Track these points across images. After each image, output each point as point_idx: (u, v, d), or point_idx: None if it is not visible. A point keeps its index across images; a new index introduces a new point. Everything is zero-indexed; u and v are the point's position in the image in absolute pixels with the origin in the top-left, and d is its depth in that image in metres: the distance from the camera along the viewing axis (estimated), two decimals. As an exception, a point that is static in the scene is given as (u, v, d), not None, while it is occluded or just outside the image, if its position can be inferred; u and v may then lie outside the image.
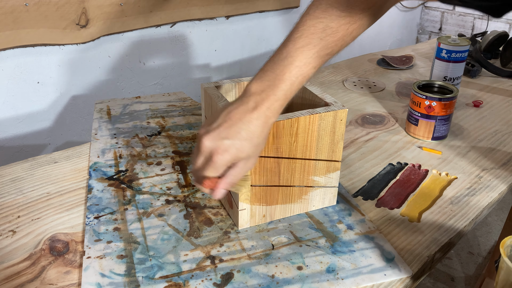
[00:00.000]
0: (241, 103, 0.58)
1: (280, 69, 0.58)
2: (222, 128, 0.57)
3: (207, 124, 0.59)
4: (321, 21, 0.59)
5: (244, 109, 0.57)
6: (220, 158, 0.56)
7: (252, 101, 0.58)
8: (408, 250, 0.70)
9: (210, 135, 0.57)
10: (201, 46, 1.83)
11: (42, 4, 1.31)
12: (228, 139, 0.56)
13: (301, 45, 0.59)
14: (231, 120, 0.57)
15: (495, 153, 0.96)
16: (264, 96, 0.58)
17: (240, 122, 0.57)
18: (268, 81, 0.58)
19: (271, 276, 0.64)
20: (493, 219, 1.95)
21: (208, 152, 0.57)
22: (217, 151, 0.56)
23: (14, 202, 0.79)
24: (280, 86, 0.58)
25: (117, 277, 0.63)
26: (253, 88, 0.58)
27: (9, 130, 1.42)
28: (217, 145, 0.56)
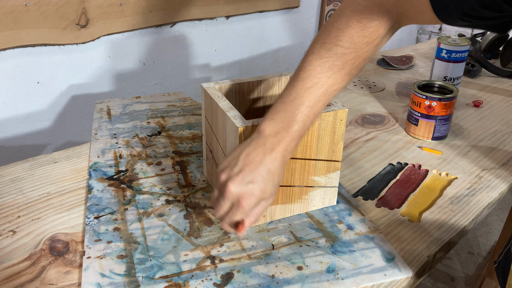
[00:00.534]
0: (258, 145, 0.60)
1: (291, 110, 0.60)
2: (246, 173, 0.59)
3: (227, 168, 0.60)
4: (327, 60, 0.60)
5: (262, 151, 0.60)
6: (248, 203, 0.59)
7: (268, 142, 0.60)
8: (408, 250, 0.69)
9: (235, 180, 0.59)
10: (201, 46, 1.83)
11: (42, 4, 1.31)
12: (253, 183, 0.59)
13: (310, 85, 0.60)
14: (252, 164, 0.59)
15: (495, 153, 0.96)
16: (280, 138, 0.60)
17: (261, 165, 0.59)
18: (281, 122, 0.60)
19: (271, 276, 0.64)
20: (493, 219, 1.95)
21: (235, 198, 0.59)
22: (243, 196, 0.59)
23: (14, 202, 0.79)
24: (293, 127, 0.60)
25: (117, 277, 0.63)
26: (267, 129, 0.60)
27: (9, 130, 1.42)
28: (243, 190, 0.59)
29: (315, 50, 0.61)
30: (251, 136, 0.62)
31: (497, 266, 0.76)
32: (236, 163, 0.60)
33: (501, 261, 0.75)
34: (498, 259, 0.76)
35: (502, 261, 0.75)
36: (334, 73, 0.61)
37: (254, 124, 0.65)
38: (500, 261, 0.75)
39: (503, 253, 0.76)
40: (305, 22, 2.18)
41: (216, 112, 0.72)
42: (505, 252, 0.75)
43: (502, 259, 0.75)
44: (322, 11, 2.20)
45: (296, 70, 0.63)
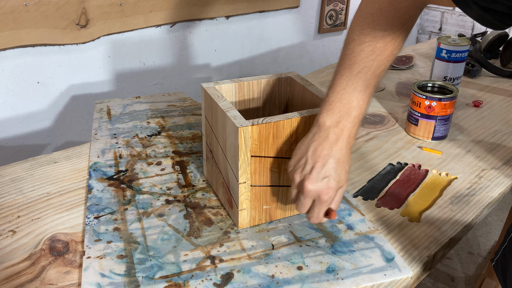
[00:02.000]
0: (322, 138, 0.62)
1: (346, 98, 0.63)
2: (318, 169, 0.61)
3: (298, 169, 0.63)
4: (368, 44, 0.63)
5: (328, 144, 0.62)
6: (328, 196, 0.62)
7: (332, 133, 0.62)
8: (408, 250, 0.69)
9: (310, 179, 0.61)
10: (201, 46, 1.83)
11: (42, 4, 1.31)
12: (328, 177, 0.62)
13: (358, 70, 0.63)
14: (321, 158, 0.62)
15: (495, 153, 0.96)
16: (342, 127, 0.62)
17: (330, 158, 0.62)
18: (339, 111, 0.63)
19: (271, 276, 0.64)
20: (493, 219, 1.95)
21: (315, 195, 0.62)
22: (322, 191, 0.62)
23: (14, 202, 0.79)
24: (352, 114, 0.63)
25: (117, 277, 0.63)
26: (328, 121, 0.63)
27: (9, 130, 1.42)
28: (321, 187, 0.62)
29: (355, 37, 0.64)
30: (311, 130, 0.64)
31: (495, 264, 0.76)
32: (306, 161, 0.62)
33: (499, 259, 0.75)
34: (496, 257, 0.76)
35: (500, 259, 0.75)
36: (378, 55, 0.63)
37: (254, 124, 0.65)
38: (498, 259, 0.75)
39: (501, 251, 0.76)
40: (305, 22, 2.18)
41: (216, 112, 0.72)
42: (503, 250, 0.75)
43: (500, 257, 0.75)
44: (322, 11, 2.20)
45: (340, 60, 0.65)
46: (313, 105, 0.76)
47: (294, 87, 0.81)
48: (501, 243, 0.76)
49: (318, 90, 0.76)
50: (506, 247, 0.75)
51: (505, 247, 0.75)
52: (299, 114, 0.68)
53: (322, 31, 2.26)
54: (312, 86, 0.78)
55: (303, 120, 0.68)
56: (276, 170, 0.70)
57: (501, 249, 0.76)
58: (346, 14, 2.31)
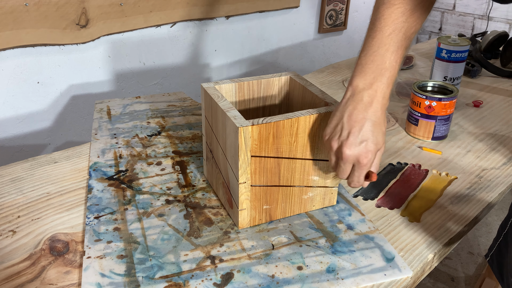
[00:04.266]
0: (356, 102, 0.63)
1: (379, 59, 0.63)
2: (356, 133, 0.62)
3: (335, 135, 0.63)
4: (398, 7, 0.64)
5: (363, 106, 0.62)
6: (368, 160, 0.63)
7: (366, 95, 0.62)
8: (408, 250, 0.69)
9: (348, 144, 0.62)
10: (201, 46, 1.83)
11: (42, 4, 1.31)
12: (366, 141, 0.62)
13: (389, 32, 0.63)
14: (357, 123, 0.62)
15: (495, 153, 0.96)
16: (375, 88, 0.63)
17: (366, 120, 0.62)
18: (373, 73, 0.63)
19: (271, 276, 0.63)
20: (493, 219, 1.95)
21: (354, 160, 0.63)
22: (361, 155, 0.62)
23: (14, 202, 0.79)
24: (385, 75, 0.63)
25: (117, 277, 0.63)
26: (361, 84, 0.63)
27: (9, 130, 1.42)
28: (360, 151, 0.62)
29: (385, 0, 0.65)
30: (345, 95, 0.64)
31: (490, 260, 0.76)
32: (342, 127, 0.63)
33: (494, 254, 0.75)
34: (490, 252, 0.76)
35: (496, 254, 0.75)
36: (408, 17, 0.64)
37: (254, 124, 0.65)
38: (493, 254, 0.76)
39: (495, 247, 0.76)
40: (305, 22, 2.18)
41: (216, 112, 0.72)
42: (498, 245, 0.76)
43: (495, 252, 0.75)
44: (322, 11, 2.20)
45: (370, 24, 0.66)
46: (313, 105, 0.76)
47: (294, 87, 0.81)
48: (495, 238, 0.77)
49: (318, 90, 0.76)
50: (501, 242, 0.75)
51: (500, 242, 0.75)
52: (299, 114, 0.68)
53: (322, 31, 2.26)
54: (312, 86, 0.78)
55: (303, 120, 0.68)
56: (276, 170, 0.70)
57: (496, 244, 0.76)
58: (346, 14, 2.31)
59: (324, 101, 0.73)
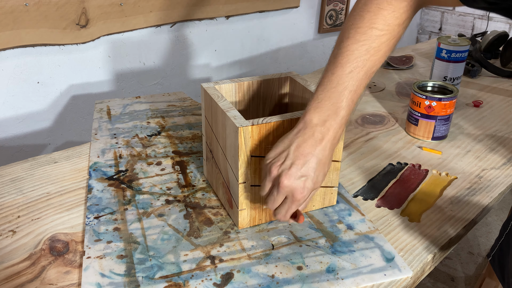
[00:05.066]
0: (307, 136, 0.61)
1: (335, 97, 0.61)
2: (298, 166, 0.60)
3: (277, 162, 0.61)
4: (363, 43, 0.62)
5: (313, 142, 0.61)
6: (302, 196, 0.61)
7: (318, 132, 0.61)
8: (408, 250, 0.69)
9: (288, 175, 0.60)
10: (201, 46, 1.83)
11: (42, 4, 1.31)
12: (306, 176, 0.60)
13: (350, 69, 0.62)
14: (303, 156, 0.60)
15: (495, 153, 0.96)
16: (328, 126, 0.61)
17: (312, 157, 0.60)
18: (328, 110, 0.61)
19: (271, 276, 0.63)
20: (493, 219, 1.95)
21: (289, 192, 0.61)
22: (297, 189, 0.60)
23: (14, 202, 0.79)
24: (340, 113, 0.61)
25: (117, 277, 0.63)
26: (315, 119, 0.61)
27: (9, 130, 1.42)
28: (297, 184, 0.60)
29: (350, 35, 0.63)
30: (297, 126, 0.63)
31: (492, 259, 0.76)
32: (286, 155, 0.61)
33: (496, 254, 0.75)
34: (492, 252, 0.76)
35: (498, 254, 0.75)
36: (371, 55, 0.62)
37: (254, 124, 0.65)
38: (494, 254, 0.76)
39: (497, 246, 0.76)
40: (305, 22, 2.18)
41: (216, 112, 0.72)
42: (500, 245, 0.76)
43: (497, 251, 0.75)
44: (322, 11, 2.20)
45: (332, 57, 0.64)
46: (313, 105, 0.76)
47: (294, 87, 0.81)
48: (497, 238, 0.76)
49: (318, 90, 0.76)
50: (503, 242, 0.75)
51: (502, 241, 0.75)
52: (299, 114, 0.68)
53: (322, 31, 2.26)
54: (312, 86, 0.78)
55: (303, 120, 0.68)
56: (276, 170, 0.70)
57: (497, 244, 0.76)
58: (346, 14, 2.31)
59: (324, 101, 0.73)
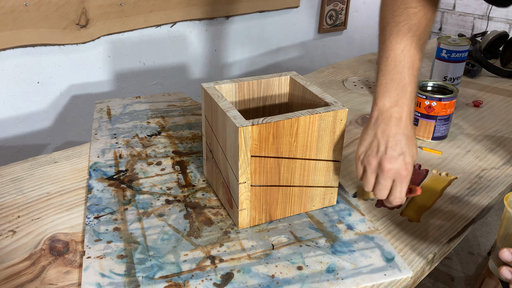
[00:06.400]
0: (387, 119, 0.65)
1: (398, 77, 0.66)
2: (393, 147, 0.64)
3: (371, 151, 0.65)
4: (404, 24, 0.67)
5: (394, 122, 0.65)
6: (407, 172, 0.64)
7: (395, 113, 0.65)
8: (408, 250, 0.70)
9: (388, 158, 0.64)
10: (201, 46, 1.83)
11: (42, 4, 1.31)
12: (403, 154, 0.64)
13: (401, 49, 0.67)
14: (392, 137, 0.64)
15: (495, 153, 0.96)
16: (401, 105, 0.65)
17: (400, 135, 0.64)
18: (395, 90, 0.66)
19: (271, 276, 0.64)
20: (493, 219, 1.95)
21: (395, 173, 0.64)
22: (401, 168, 0.64)
23: (14, 202, 0.79)
24: (407, 90, 0.66)
25: (117, 277, 0.63)
26: (387, 103, 0.66)
27: (9, 130, 1.42)
28: (399, 164, 0.64)
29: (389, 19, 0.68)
30: (372, 116, 0.67)
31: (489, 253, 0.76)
32: (378, 143, 0.65)
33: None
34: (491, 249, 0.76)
35: None
36: (415, 31, 0.67)
37: (254, 124, 0.65)
38: None
39: None
40: (305, 22, 2.18)
41: (216, 112, 0.72)
42: None
43: None
44: (322, 11, 2.20)
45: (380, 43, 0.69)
46: (313, 105, 0.76)
47: (294, 87, 0.81)
48: None
49: (318, 90, 0.76)
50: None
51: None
52: (299, 114, 0.68)
53: (322, 31, 2.26)
54: (312, 86, 0.78)
55: (303, 120, 0.68)
56: (276, 170, 0.70)
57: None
58: (346, 14, 2.31)
59: (324, 101, 0.73)
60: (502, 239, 0.59)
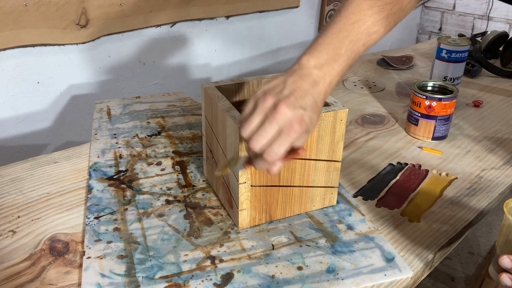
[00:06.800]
0: (303, 75, 0.57)
1: (336, 43, 0.60)
2: (297, 97, 0.54)
3: (272, 90, 0.56)
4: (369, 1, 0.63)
5: (309, 81, 0.57)
6: (299, 128, 0.54)
7: (314, 74, 0.58)
8: (408, 250, 0.70)
9: (288, 102, 0.54)
10: (201, 46, 1.83)
11: (42, 4, 1.31)
12: (304, 109, 0.54)
13: (353, 20, 0.61)
14: (301, 90, 0.55)
15: (495, 153, 0.96)
16: (325, 71, 0.58)
17: (309, 94, 0.56)
18: (326, 54, 0.59)
19: (271, 276, 0.64)
20: (493, 219, 1.95)
21: (286, 121, 0.54)
22: (296, 120, 0.53)
23: (14, 202, 0.79)
24: (338, 61, 0.59)
25: (117, 277, 0.63)
26: (312, 61, 0.58)
27: (9, 130, 1.42)
28: (296, 114, 0.54)
29: None
30: (291, 67, 0.59)
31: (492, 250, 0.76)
32: (284, 87, 0.56)
33: None
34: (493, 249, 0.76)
35: None
36: (374, 13, 0.62)
37: (254, 124, 0.65)
38: None
39: None
40: (305, 22, 2.18)
41: (216, 112, 0.72)
42: None
43: None
44: (322, 11, 2.20)
45: (336, 10, 0.64)
46: (313, 105, 0.76)
47: (294, 87, 0.81)
48: None
49: (318, 90, 0.76)
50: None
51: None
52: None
53: (322, 31, 2.26)
54: (312, 86, 0.78)
55: (303, 120, 0.68)
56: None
57: None
58: (346, 14, 2.31)
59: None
60: (502, 246, 0.59)
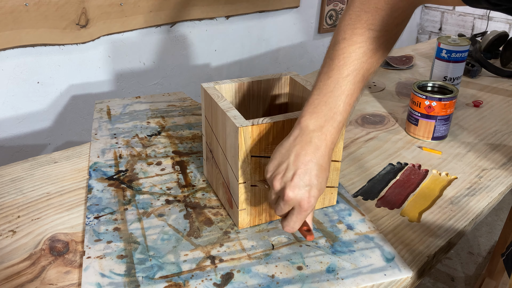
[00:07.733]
0: (304, 143, 0.59)
1: (332, 102, 0.60)
2: (301, 176, 0.58)
3: (278, 175, 0.59)
4: (361, 46, 0.60)
5: (312, 149, 0.59)
6: (309, 205, 0.59)
7: (315, 138, 0.59)
8: (408, 250, 0.69)
9: (292, 186, 0.58)
10: (201, 46, 1.83)
11: (42, 4, 1.31)
12: (310, 185, 0.58)
13: (347, 73, 0.60)
14: (304, 165, 0.58)
15: (495, 153, 0.96)
16: (325, 132, 0.59)
17: (313, 164, 0.59)
18: (325, 115, 0.60)
19: (271, 276, 0.64)
20: (493, 219, 1.95)
21: (296, 203, 0.59)
22: (303, 200, 0.58)
23: (14, 202, 0.79)
24: (337, 119, 0.60)
25: (117, 277, 0.63)
26: (311, 124, 0.60)
27: (9, 130, 1.42)
28: (302, 195, 0.58)
29: (347, 36, 0.61)
30: (292, 133, 0.61)
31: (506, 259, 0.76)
32: (287, 167, 0.59)
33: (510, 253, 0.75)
34: (507, 251, 0.76)
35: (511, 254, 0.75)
36: (369, 57, 0.60)
37: (254, 124, 0.65)
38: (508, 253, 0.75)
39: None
40: (305, 22, 2.18)
41: (216, 112, 0.72)
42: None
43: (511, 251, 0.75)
44: (322, 11, 2.20)
45: (327, 58, 0.62)
46: (313, 105, 0.76)
47: (294, 87, 0.81)
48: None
49: (318, 90, 0.76)
50: None
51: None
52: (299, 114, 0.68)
53: (322, 31, 2.26)
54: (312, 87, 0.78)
55: (303, 120, 0.68)
56: (276, 170, 0.70)
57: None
58: (346, 14, 2.31)
59: (324, 101, 0.73)
60: None
